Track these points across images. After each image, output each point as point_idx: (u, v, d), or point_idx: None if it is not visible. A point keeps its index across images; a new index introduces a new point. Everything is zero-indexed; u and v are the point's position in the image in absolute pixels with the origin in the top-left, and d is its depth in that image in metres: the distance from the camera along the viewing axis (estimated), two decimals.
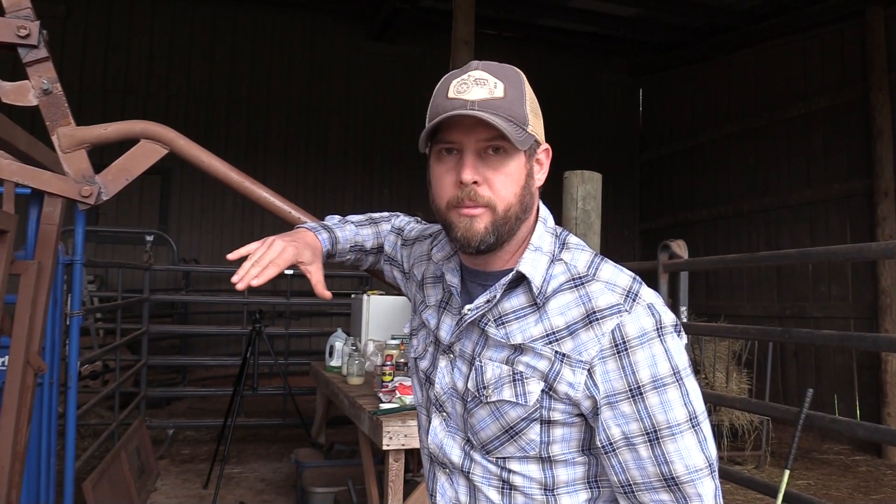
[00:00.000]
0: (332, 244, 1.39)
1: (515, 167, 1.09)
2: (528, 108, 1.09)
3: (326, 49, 9.80)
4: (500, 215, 1.09)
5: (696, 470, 1.01)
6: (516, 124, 1.06)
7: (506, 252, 1.15)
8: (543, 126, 1.17)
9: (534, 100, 1.12)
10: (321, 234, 1.37)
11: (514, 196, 1.09)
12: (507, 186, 1.09)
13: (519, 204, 1.10)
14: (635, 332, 1.03)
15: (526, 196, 1.11)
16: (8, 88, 1.44)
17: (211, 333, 8.49)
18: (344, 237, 1.42)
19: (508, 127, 1.04)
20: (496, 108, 1.05)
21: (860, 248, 3.04)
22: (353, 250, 1.45)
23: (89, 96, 8.71)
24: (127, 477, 4.36)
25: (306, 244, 1.29)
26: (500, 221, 1.09)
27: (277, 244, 1.22)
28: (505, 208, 1.09)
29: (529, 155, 1.12)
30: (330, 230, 1.40)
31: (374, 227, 1.49)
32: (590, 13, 8.99)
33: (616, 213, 10.63)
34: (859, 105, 7.43)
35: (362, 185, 9.80)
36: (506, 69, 1.12)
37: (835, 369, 7.58)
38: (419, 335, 1.31)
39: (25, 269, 2.11)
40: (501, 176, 1.08)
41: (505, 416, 1.09)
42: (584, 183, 2.82)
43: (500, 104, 1.06)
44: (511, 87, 1.08)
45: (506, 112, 1.06)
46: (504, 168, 1.08)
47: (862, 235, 7.32)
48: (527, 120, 1.08)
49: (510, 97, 1.07)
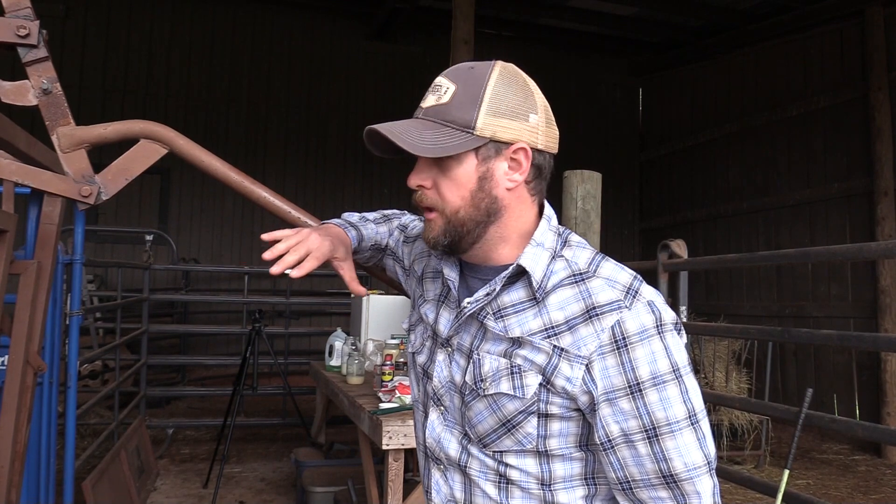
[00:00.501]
0: (359, 242, 1.39)
1: (463, 172, 1.09)
2: (483, 108, 1.06)
3: (326, 48, 9.80)
4: (449, 219, 1.10)
5: (695, 467, 1.01)
6: (453, 128, 1.06)
7: (504, 248, 1.14)
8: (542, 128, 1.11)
9: (503, 98, 1.08)
10: (350, 231, 1.37)
11: (462, 200, 1.09)
12: (451, 191, 1.09)
13: (471, 207, 1.09)
14: (635, 328, 1.02)
15: (482, 199, 1.10)
16: (7, 88, 1.44)
17: (210, 333, 8.49)
18: (367, 235, 1.42)
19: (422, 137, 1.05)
20: (434, 115, 1.07)
21: (860, 248, 3.04)
22: (372, 248, 1.45)
23: (88, 96, 8.71)
24: (127, 476, 4.36)
25: (340, 240, 1.29)
26: (451, 226, 1.10)
27: (315, 237, 1.21)
28: (452, 212, 1.10)
29: (484, 157, 1.09)
30: (357, 228, 1.40)
31: (388, 225, 1.50)
32: (589, 12, 9.00)
33: (616, 212, 10.64)
34: (859, 104, 7.43)
35: (361, 184, 9.81)
36: (477, 69, 1.10)
37: (834, 369, 7.59)
38: (417, 330, 1.30)
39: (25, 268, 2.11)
40: (446, 181, 1.10)
41: (502, 408, 1.09)
42: (584, 182, 2.83)
43: (439, 110, 1.07)
44: (466, 88, 1.07)
45: (441, 117, 1.07)
46: (449, 173, 1.09)
47: (862, 234, 7.33)
48: (472, 121, 1.06)
49: (457, 101, 1.07)
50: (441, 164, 1.10)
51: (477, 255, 1.16)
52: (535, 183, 1.14)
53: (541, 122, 1.11)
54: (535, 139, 1.10)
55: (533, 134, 1.10)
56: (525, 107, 1.10)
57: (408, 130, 1.07)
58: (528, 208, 1.15)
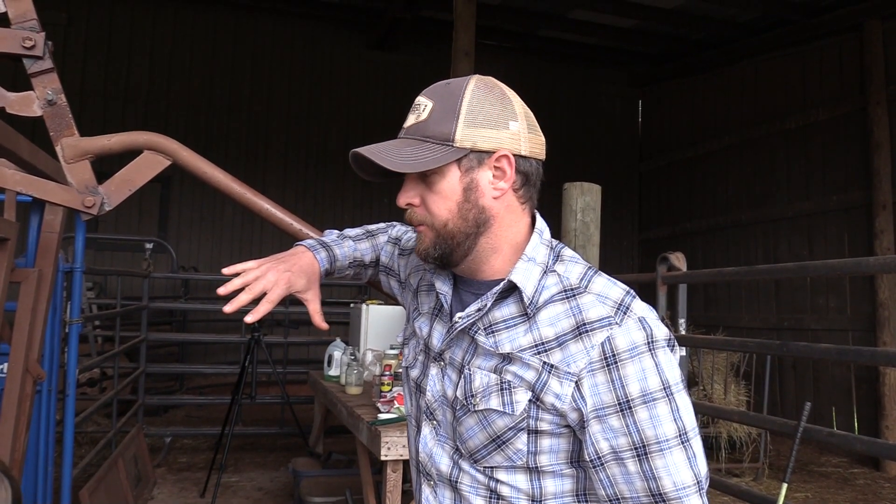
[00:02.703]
0: (331, 263, 1.39)
1: (447, 185, 1.11)
2: (460, 120, 1.08)
3: (327, 58, 9.83)
4: (439, 232, 1.12)
5: (684, 487, 1.01)
6: (432, 142, 1.09)
7: (496, 260, 1.15)
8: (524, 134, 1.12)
9: (478, 109, 1.09)
10: (319, 253, 1.36)
11: (449, 212, 1.11)
12: (437, 205, 1.12)
13: (459, 219, 1.11)
14: (625, 345, 1.02)
15: (469, 210, 1.11)
16: (12, 99, 1.45)
17: (209, 341, 8.48)
18: (343, 254, 1.42)
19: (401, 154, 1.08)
20: (414, 132, 1.11)
21: (858, 263, 3.05)
22: (353, 266, 1.45)
23: (90, 104, 8.73)
24: (124, 485, 4.35)
25: (301, 270, 1.27)
26: (441, 238, 1.12)
27: (272, 274, 1.20)
28: (441, 225, 1.12)
29: (467, 168, 1.10)
30: (328, 248, 1.39)
31: (372, 240, 1.50)
32: (590, 24, 9.04)
33: (615, 223, 10.64)
34: (857, 117, 7.46)
35: (361, 193, 9.82)
36: (453, 84, 1.13)
37: (833, 382, 7.59)
38: (411, 344, 1.31)
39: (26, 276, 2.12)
40: (432, 195, 1.12)
41: (492, 424, 1.09)
42: (584, 195, 2.83)
43: (418, 127, 1.11)
44: (443, 103, 1.10)
45: (421, 133, 1.10)
46: (434, 187, 1.11)
47: (860, 247, 7.34)
48: (451, 135, 1.08)
49: (434, 116, 1.10)
50: (426, 180, 1.12)
51: (469, 267, 1.16)
52: (524, 190, 1.14)
53: (522, 129, 1.12)
54: (518, 146, 1.11)
55: (515, 141, 1.11)
56: (504, 115, 1.11)
57: (388, 150, 1.10)
58: (519, 217, 1.15)
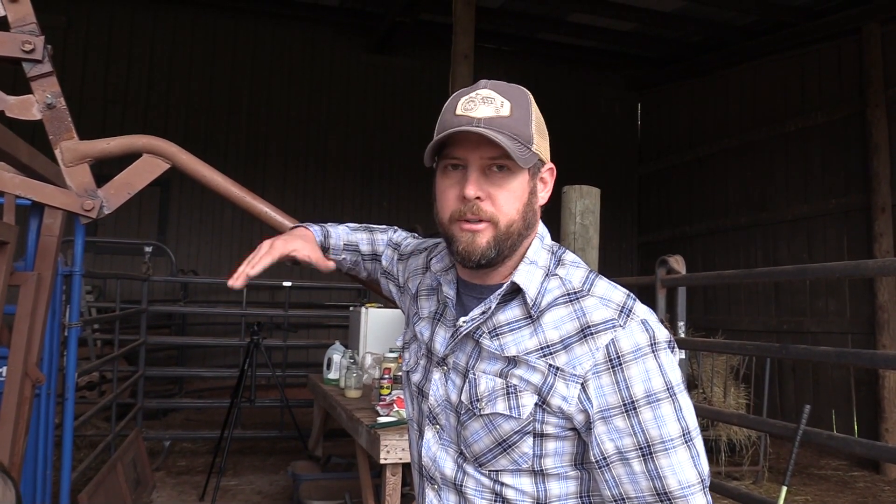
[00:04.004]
0: (325, 237, 1.45)
1: (518, 184, 1.12)
2: (533, 127, 1.11)
3: (326, 61, 9.84)
4: (503, 231, 1.11)
5: (689, 485, 1.02)
6: (520, 142, 1.08)
7: (505, 267, 1.16)
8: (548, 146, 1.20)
9: (540, 120, 1.15)
10: (311, 227, 1.45)
11: (517, 212, 1.12)
12: (509, 203, 1.11)
13: (521, 220, 1.12)
14: (629, 347, 1.04)
15: (528, 213, 1.14)
16: (12, 102, 1.45)
17: (209, 345, 8.48)
18: (336, 234, 1.48)
19: (512, 145, 1.06)
20: (501, 126, 1.07)
21: (857, 265, 3.05)
22: (348, 250, 1.49)
23: (89, 107, 8.74)
24: (123, 488, 4.35)
25: (295, 236, 1.38)
26: (503, 237, 1.11)
27: (266, 243, 1.33)
28: (507, 224, 1.11)
29: (533, 173, 1.14)
30: (322, 226, 1.48)
31: (370, 234, 1.53)
32: (588, 28, 9.05)
33: (614, 226, 10.65)
34: (856, 120, 7.47)
35: (361, 197, 9.82)
36: (513, 89, 1.14)
37: (832, 384, 7.58)
38: (411, 348, 1.31)
39: (25, 280, 2.12)
40: (504, 192, 1.11)
41: (498, 428, 1.09)
42: (583, 198, 2.83)
43: (504, 122, 1.08)
44: (518, 106, 1.11)
45: (510, 130, 1.08)
46: (507, 185, 1.11)
47: (859, 250, 7.34)
48: (531, 139, 1.11)
49: (516, 116, 1.10)
50: (498, 177, 1.11)
51: (486, 272, 1.18)
52: None
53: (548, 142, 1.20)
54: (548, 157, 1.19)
55: (548, 153, 1.18)
56: (545, 129, 1.17)
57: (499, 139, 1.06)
58: None
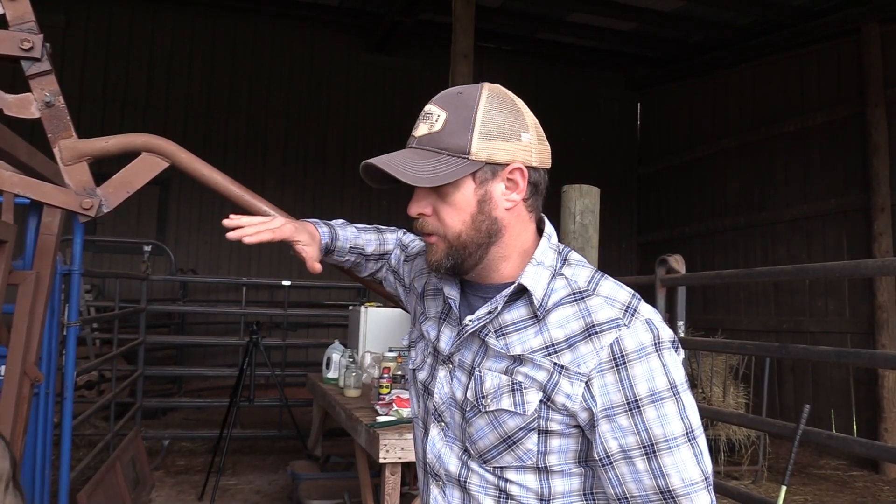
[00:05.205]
0: (332, 239, 1.44)
1: (462, 197, 1.11)
2: (475, 132, 1.08)
3: (325, 61, 9.84)
4: (451, 244, 1.13)
5: (693, 483, 1.02)
6: (448, 155, 1.08)
7: (507, 266, 1.16)
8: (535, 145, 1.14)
9: (495, 120, 1.10)
10: (321, 227, 1.43)
11: (463, 224, 1.12)
12: (451, 216, 1.12)
13: (472, 231, 1.12)
14: (634, 346, 1.04)
15: (482, 222, 1.12)
16: (10, 101, 1.44)
17: (208, 344, 8.48)
18: (344, 236, 1.46)
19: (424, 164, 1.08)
20: (428, 143, 1.10)
21: (856, 265, 3.05)
22: (353, 252, 1.48)
23: (89, 106, 8.73)
24: (122, 488, 4.34)
25: (304, 230, 1.37)
26: (454, 249, 1.13)
27: (279, 220, 1.33)
28: (454, 237, 1.13)
29: (482, 180, 1.11)
30: (331, 226, 1.45)
31: (378, 235, 1.53)
32: (588, 27, 9.05)
33: (614, 226, 10.65)
34: (856, 121, 7.47)
35: (360, 196, 9.82)
36: (465, 93, 1.12)
37: (832, 384, 7.59)
38: (418, 347, 1.32)
39: (24, 279, 2.11)
40: (445, 207, 1.12)
41: (503, 425, 1.10)
42: (582, 197, 2.83)
43: (432, 138, 1.10)
44: (457, 114, 1.09)
45: (436, 145, 1.09)
46: (448, 199, 1.12)
47: (859, 250, 7.35)
48: (467, 147, 1.08)
49: (449, 128, 1.09)
50: (440, 191, 1.12)
51: (479, 274, 1.18)
52: (532, 200, 1.17)
53: (533, 140, 1.14)
54: (529, 157, 1.13)
55: (527, 153, 1.13)
56: (516, 127, 1.12)
57: (404, 162, 1.10)
58: (527, 225, 1.18)
